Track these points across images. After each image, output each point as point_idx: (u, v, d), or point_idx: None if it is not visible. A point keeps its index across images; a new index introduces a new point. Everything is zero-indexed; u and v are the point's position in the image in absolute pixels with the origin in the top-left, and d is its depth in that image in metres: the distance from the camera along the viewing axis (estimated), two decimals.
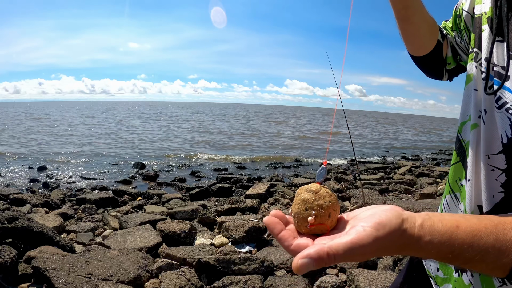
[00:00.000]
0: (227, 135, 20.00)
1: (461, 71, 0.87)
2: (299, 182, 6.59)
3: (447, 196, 0.75)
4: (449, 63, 0.86)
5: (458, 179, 0.71)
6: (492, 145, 0.60)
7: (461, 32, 0.79)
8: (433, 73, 0.89)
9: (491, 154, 0.60)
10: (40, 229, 2.75)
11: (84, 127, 23.49)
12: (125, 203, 5.27)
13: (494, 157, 0.60)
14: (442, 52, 0.84)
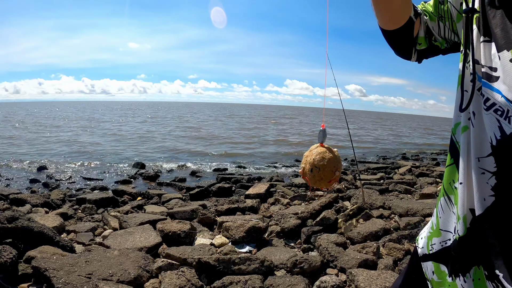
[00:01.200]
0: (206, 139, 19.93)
1: (432, 54, 0.85)
2: (299, 182, 6.59)
3: (441, 199, 0.75)
4: (419, 43, 0.84)
5: (452, 182, 0.71)
6: (481, 147, 0.59)
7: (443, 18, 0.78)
8: (402, 51, 0.86)
9: (481, 156, 0.60)
10: (40, 229, 2.75)
11: (83, 127, 23.49)
12: (125, 203, 5.27)
13: (484, 160, 0.59)
14: (412, 30, 0.81)
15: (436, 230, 0.78)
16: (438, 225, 0.77)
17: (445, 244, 0.74)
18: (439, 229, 0.76)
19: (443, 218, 0.75)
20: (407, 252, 2.80)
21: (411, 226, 3.35)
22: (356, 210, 3.64)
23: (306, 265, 2.57)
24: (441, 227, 0.75)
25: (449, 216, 0.72)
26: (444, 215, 0.74)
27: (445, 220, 0.74)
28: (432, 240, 0.79)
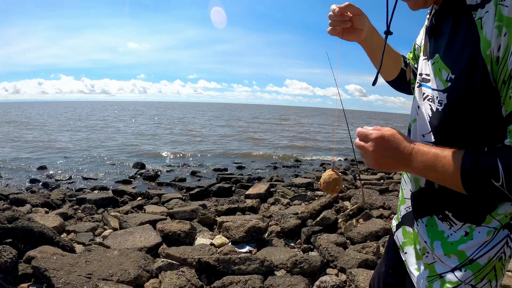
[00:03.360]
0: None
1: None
2: (299, 182, 6.59)
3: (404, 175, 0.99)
4: (412, 83, 1.11)
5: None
6: (424, 127, 0.84)
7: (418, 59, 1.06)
8: (403, 91, 1.17)
9: (424, 133, 0.84)
10: (40, 229, 2.75)
11: (83, 127, 23.50)
12: (125, 203, 5.27)
13: (426, 135, 0.83)
14: (406, 77, 1.11)
15: (402, 199, 0.99)
16: (403, 195, 0.98)
17: (409, 209, 0.94)
18: (404, 198, 0.98)
19: (406, 188, 0.96)
20: None
21: None
22: (356, 210, 3.64)
23: (306, 265, 2.57)
24: (405, 196, 0.96)
25: (409, 185, 0.93)
26: (406, 185, 0.96)
27: (407, 189, 0.94)
28: (400, 209, 1.00)
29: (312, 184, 6.56)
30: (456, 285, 0.77)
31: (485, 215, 0.75)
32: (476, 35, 0.67)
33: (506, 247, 0.75)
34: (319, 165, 10.74)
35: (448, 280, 0.79)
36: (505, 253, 0.76)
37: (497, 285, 0.78)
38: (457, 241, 0.77)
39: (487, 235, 0.75)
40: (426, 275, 0.84)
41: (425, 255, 0.85)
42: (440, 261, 0.80)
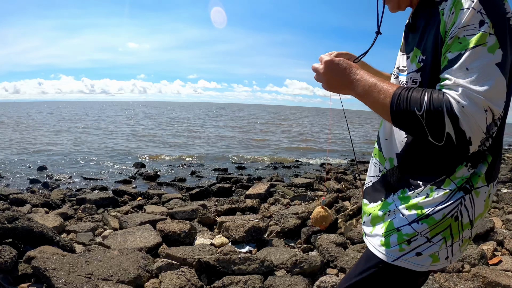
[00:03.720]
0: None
1: None
2: (299, 182, 6.59)
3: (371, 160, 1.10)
4: None
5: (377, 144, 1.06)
6: None
7: None
8: None
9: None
10: (40, 229, 2.75)
11: (83, 127, 23.50)
12: (125, 203, 5.27)
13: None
14: None
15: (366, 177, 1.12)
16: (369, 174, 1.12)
17: (368, 185, 1.07)
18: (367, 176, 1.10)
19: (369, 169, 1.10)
20: None
21: None
22: (356, 210, 3.64)
23: (306, 265, 2.57)
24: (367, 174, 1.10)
25: (371, 167, 1.08)
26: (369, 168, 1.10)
27: (369, 169, 1.09)
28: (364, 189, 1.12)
29: (312, 184, 6.56)
30: (412, 236, 0.85)
31: (445, 179, 0.84)
32: (439, 21, 0.80)
33: (461, 207, 0.82)
34: (319, 165, 10.74)
35: (405, 232, 0.86)
36: (462, 215, 0.83)
37: (452, 246, 0.85)
38: (418, 201, 0.86)
39: (443, 195, 0.83)
40: (382, 232, 0.91)
41: (387, 215, 0.92)
42: (401, 216, 0.88)
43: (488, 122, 0.70)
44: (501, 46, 0.72)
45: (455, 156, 0.82)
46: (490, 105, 0.69)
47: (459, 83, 0.71)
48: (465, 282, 2.34)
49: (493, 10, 0.73)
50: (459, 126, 0.69)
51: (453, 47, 0.74)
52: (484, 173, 0.83)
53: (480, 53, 0.71)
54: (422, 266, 0.86)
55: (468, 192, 0.83)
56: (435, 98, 0.72)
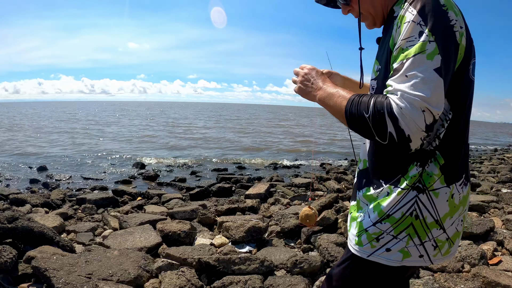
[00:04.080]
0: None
1: None
2: (299, 182, 6.59)
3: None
4: None
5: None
6: None
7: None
8: None
9: None
10: (40, 229, 2.74)
11: (83, 127, 23.50)
12: (125, 203, 5.27)
13: None
14: None
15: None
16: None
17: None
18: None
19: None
20: None
21: None
22: None
23: (306, 265, 2.58)
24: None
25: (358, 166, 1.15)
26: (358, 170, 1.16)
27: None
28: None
29: (312, 184, 6.56)
30: (379, 234, 0.94)
31: (400, 178, 0.92)
32: (390, 34, 0.90)
33: (417, 206, 0.90)
34: (319, 165, 10.75)
35: (372, 232, 0.95)
36: (422, 213, 0.90)
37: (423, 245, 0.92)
38: (381, 200, 0.94)
39: (398, 195, 0.91)
40: (355, 232, 1.01)
41: (360, 216, 1.01)
42: (368, 217, 0.97)
43: (427, 122, 0.77)
44: (440, 52, 0.79)
45: (406, 155, 0.90)
46: (428, 106, 0.76)
47: (398, 88, 0.79)
48: (465, 282, 2.34)
49: (432, 20, 0.80)
50: (399, 125, 0.77)
51: (397, 58, 0.83)
52: (439, 174, 0.90)
53: (419, 61, 0.79)
54: (394, 261, 0.94)
55: (422, 191, 0.90)
56: (378, 101, 0.81)
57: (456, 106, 0.89)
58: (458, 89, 0.88)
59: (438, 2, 0.83)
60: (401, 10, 0.87)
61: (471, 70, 0.91)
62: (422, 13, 0.81)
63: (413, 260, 0.93)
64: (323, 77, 1.03)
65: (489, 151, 18.36)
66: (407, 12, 0.84)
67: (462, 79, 0.88)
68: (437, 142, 0.89)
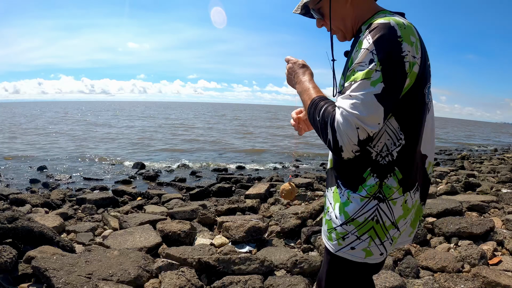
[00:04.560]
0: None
1: None
2: (299, 182, 6.59)
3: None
4: None
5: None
6: None
7: None
8: None
9: None
10: (40, 229, 2.74)
11: (83, 127, 23.49)
12: (125, 203, 5.27)
13: None
14: None
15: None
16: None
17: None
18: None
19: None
20: (407, 252, 2.80)
21: None
22: None
23: (306, 265, 2.58)
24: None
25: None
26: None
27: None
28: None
29: (312, 184, 6.56)
30: (345, 234, 1.05)
31: (358, 185, 1.03)
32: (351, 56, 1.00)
33: (379, 213, 1.01)
34: (319, 165, 10.74)
35: (339, 231, 1.07)
36: (382, 218, 1.01)
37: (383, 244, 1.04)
38: (344, 203, 1.05)
39: (360, 201, 1.02)
40: (327, 229, 1.13)
41: (327, 213, 1.13)
42: (335, 217, 1.08)
43: (361, 138, 0.88)
44: (384, 81, 0.89)
45: (360, 165, 1.02)
46: (362, 125, 0.87)
47: (341, 105, 0.90)
48: (465, 282, 2.34)
49: (384, 51, 0.90)
50: (335, 136, 0.90)
51: (349, 78, 0.94)
52: (398, 187, 1.01)
53: (363, 85, 0.89)
54: (357, 257, 1.05)
55: (382, 201, 1.01)
56: (328, 111, 0.94)
57: (408, 127, 0.99)
58: (409, 111, 0.98)
59: (395, 33, 0.91)
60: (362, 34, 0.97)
61: (426, 95, 1.01)
62: (376, 43, 0.90)
63: (374, 258, 1.06)
64: (303, 70, 1.12)
65: (489, 151, 18.37)
66: (365, 40, 0.93)
67: (414, 103, 0.98)
68: (390, 158, 1.00)
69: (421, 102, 1.00)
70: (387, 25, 0.92)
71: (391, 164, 1.00)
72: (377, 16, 1.01)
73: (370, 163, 1.01)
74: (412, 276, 2.53)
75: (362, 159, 1.01)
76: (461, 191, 5.60)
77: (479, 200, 4.29)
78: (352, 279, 1.13)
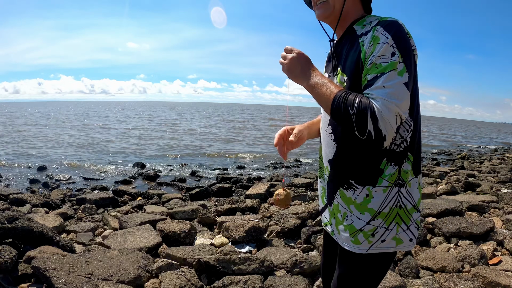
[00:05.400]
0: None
1: None
2: (299, 182, 6.59)
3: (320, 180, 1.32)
4: None
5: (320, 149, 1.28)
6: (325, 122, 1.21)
7: None
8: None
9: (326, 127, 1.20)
10: (40, 229, 2.74)
11: (83, 127, 23.48)
12: (125, 203, 5.27)
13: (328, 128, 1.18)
14: None
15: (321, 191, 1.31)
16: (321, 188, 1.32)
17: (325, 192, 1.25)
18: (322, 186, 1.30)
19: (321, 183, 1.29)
20: (407, 252, 2.80)
21: None
22: None
23: (306, 265, 2.58)
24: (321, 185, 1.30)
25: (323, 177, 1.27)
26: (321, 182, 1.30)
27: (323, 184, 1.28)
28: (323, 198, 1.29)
29: (312, 184, 6.56)
30: (373, 230, 1.08)
31: (377, 178, 1.06)
32: (360, 50, 1.04)
33: (400, 199, 1.06)
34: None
35: (367, 230, 1.08)
36: (403, 204, 1.07)
37: (409, 229, 1.09)
38: (363, 201, 1.08)
39: (384, 192, 1.06)
40: (349, 233, 1.12)
41: (345, 219, 1.13)
42: (357, 219, 1.09)
43: (397, 124, 0.95)
44: (407, 71, 0.98)
45: (375, 157, 1.05)
46: (399, 112, 0.94)
47: (378, 96, 0.95)
48: (465, 282, 2.34)
49: (402, 45, 0.99)
50: (378, 125, 0.92)
51: (371, 71, 0.99)
52: (411, 170, 1.08)
53: (392, 76, 0.96)
54: (389, 248, 1.09)
55: (402, 186, 1.07)
56: (363, 102, 0.94)
57: (413, 114, 1.07)
58: (413, 100, 1.05)
59: (405, 30, 1.02)
60: (370, 31, 1.03)
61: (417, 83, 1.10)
62: (395, 38, 0.99)
63: (405, 245, 1.10)
64: (312, 66, 1.12)
65: (489, 151, 18.37)
66: (381, 35, 1.00)
67: (415, 91, 1.06)
68: (405, 144, 1.06)
69: (418, 92, 1.10)
70: (398, 23, 1.02)
71: (406, 150, 1.06)
72: (373, 17, 1.08)
73: (385, 153, 1.05)
74: (412, 276, 2.53)
75: (377, 151, 1.05)
76: (461, 191, 5.60)
77: (479, 200, 4.30)
78: (383, 272, 1.16)
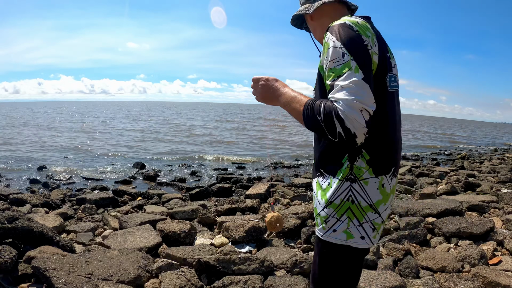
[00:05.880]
0: None
1: None
2: (299, 182, 6.59)
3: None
4: None
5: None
6: None
7: None
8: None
9: None
10: (40, 229, 2.74)
11: (83, 127, 23.48)
12: (125, 203, 5.27)
13: None
14: None
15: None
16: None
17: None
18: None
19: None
20: (407, 252, 2.80)
21: (411, 226, 3.35)
22: None
23: (306, 265, 2.58)
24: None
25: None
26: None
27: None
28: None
29: (312, 184, 6.56)
30: (326, 217, 1.13)
31: (337, 170, 1.11)
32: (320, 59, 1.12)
33: (353, 194, 1.09)
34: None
35: (322, 215, 1.15)
36: (357, 199, 1.09)
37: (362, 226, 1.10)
38: (325, 189, 1.14)
39: (336, 185, 1.10)
40: (315, 215, 1.20)
41: (314, 202, 1.22)
42: (318, 204, 1.17)
43: (366, 119, 0.96)
44: (361, 66, 1.00)
45: (340, 151, 1.10)
46: (364, 106, 0.96)
47: (338, 97, 0.97)
48: (465, 282, 2.34)
49: (350, 44, 1.02)
50: (345, 125, 0.95)
51: (329, 76, 1.03)
52: (367, 167, 1.09)
53: (348, 75, 0.99)
54: (339, 240, 1.12)
55: (353, 181, 1.09)
56: (327, 106, 0.98)
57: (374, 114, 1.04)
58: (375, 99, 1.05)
59: (351, 27, 1.05)
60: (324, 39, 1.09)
61: (388, 83, 1.11)
62: (341, 39, 1.03)
63: (355, 241, 1.11)
64: (282, 84, 1.18)
65: (489, 151, 18.36)
66: (329, 40, 1.05)
67: (378, 91, 1.06)
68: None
69: (384, 89, 1.10)
70: (343, 24, 1.06)
71: (359, 147, 1.08)
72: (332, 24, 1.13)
73: (347, 149, 1.09)
74: (412, 276, 2.53)
75: (341, 147, 1.09)
76: (461, 191, 5.60)
77: (479, 200, 4.30)
78: (341, 265, 1.17)
